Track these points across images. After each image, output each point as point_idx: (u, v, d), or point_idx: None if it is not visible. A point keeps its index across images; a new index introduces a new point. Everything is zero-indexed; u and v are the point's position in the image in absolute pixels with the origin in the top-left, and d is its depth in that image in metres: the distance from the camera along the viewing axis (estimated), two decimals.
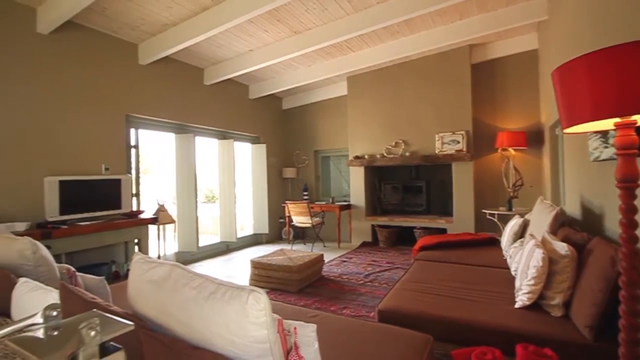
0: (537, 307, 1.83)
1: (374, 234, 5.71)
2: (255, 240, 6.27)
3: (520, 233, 2.80)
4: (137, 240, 3.84)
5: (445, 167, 5.25)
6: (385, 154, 5.52)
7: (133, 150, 4.23)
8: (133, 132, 4.24)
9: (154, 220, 3.96)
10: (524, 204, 4.46)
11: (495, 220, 4.44)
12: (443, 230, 5.04)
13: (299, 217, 5.47)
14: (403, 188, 5.78)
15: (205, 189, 8.20)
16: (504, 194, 4.67)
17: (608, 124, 1.17)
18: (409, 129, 5.39)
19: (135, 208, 4.16)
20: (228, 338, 0.77)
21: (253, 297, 0.77)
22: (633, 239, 1.11)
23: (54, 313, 0.63)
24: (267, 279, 3.55)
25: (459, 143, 4.95)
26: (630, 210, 1.11)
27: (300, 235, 6.36)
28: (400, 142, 5.44)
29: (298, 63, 5.13)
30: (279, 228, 6.61)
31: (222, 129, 5.51)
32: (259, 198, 6.16)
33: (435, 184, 5.58)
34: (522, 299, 1.86)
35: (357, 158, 5.76)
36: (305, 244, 5.87)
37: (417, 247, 3.44)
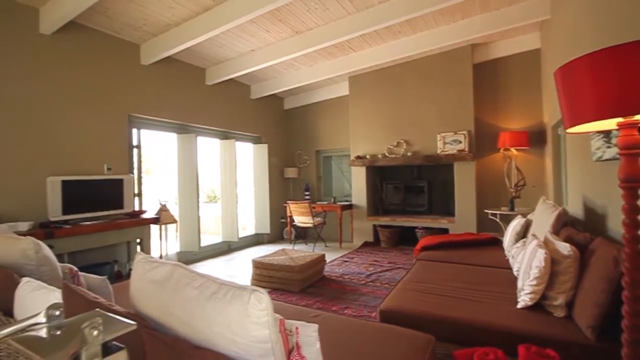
0: (539, 307, 1.82)
1: (376, 234, 5.70)
2: (257, 240, 6.28)
3: (523, 233, 2.80)
4: (139, 240, 3.86)
5: (447, 167, 5.24)
6: (387, 154, 5.51)
7: (135, 150, 4.25)
8: (135, 132, 4.26)
9: (156, 220, 3.97)
10: (526, 204, 4.44)
11: (498, 221, 4.42)
12: (445, 231, 5.03)
13: (301, 217, 5.47)
14: (405, 188, 5.76)
15: (207, 189, 8.23)
16: (506, 194, 4.66)
17: (611, 124, 1.16)
18: (411, 129, 5.38)
19: (138, 208, 4.17)
20: (230, 338, 0.77)
21: (255, 297, 0.77)
22: (636, 239, 1.10)
23: (57, 312, 0.64)
24: (268, 279, 3.56)
25: (461, 143, 4.94)
26: (633, 211, 1.11)
27: (302, 235, 6.36)
28: (402, 142, 5.43)
29: (300, 63, 5.13)
30: (281, 228, 6.61)
31: (223, 129, 5.52)
32: (261, 198, 6.17)
33: (437, 184, 5.57)
34: (524, 300, 1.85)
35: (358, 158, 5.76)
36: (307, 244, 5.87)
37: (418, 247, 3.44)
